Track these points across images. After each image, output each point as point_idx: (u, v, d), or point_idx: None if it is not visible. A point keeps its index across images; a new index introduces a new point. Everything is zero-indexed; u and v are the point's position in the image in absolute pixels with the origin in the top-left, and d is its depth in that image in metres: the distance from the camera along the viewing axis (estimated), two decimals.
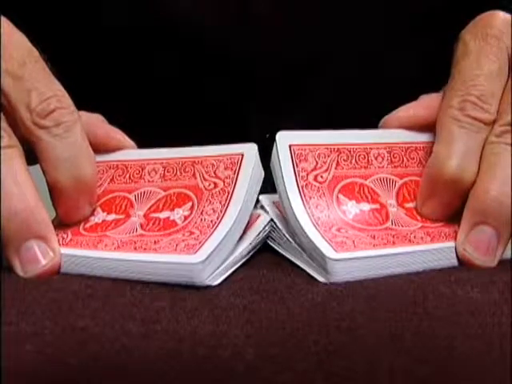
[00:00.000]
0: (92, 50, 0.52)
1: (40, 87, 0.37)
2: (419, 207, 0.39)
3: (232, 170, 0.38)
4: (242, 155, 0.38)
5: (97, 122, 0.42)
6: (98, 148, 0.40)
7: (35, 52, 0.38)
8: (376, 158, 0.39)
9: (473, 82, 0.37)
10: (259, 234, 0.38)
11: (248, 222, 0.38)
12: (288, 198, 0.37)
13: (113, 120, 0.44)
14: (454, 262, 0.36)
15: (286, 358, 0.26)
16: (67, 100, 0.38)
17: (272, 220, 0.39)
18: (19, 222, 0.35)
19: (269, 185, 0.39)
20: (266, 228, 0.39)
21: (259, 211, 0.40)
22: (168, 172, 0.40)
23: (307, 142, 0.39)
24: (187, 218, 0.37)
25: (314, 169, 0.38)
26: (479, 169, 0.36)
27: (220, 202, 0.37)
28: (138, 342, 0.28)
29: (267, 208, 0.40)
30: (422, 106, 0.41)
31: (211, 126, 0.52)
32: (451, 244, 0.36)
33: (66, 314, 0.30)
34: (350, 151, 0.39)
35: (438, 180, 0.37)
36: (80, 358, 0.26)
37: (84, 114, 0.40)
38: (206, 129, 0.52)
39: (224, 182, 0.38)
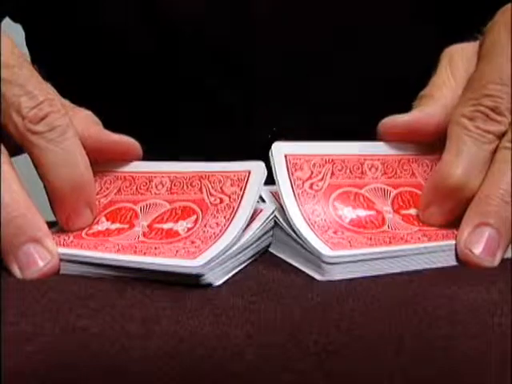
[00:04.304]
0: (91, 51, 0.52)
1: (31, 91, 0.36)
2: (420, 213, 0.38)
3: (239, 186, 0.38)
4: (249, 172, 0.38)
5: (86, 124, 0.40)
6: (94, 153, 0.39)
7: (21, 54, 0.38)
8: (370, 169, 0.40)
9: (488, 92, 0.37)
10: (263, 223, 0.38)
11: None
12: (285, 205, 0.37)
13: (115, 121, 0.44)
14: (453, 260, 0.36)
15: (286, 358, 0.26)
16: (58, 103, 0.37)
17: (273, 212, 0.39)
18: (14, 227, 0.35)
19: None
20: (270, 217, 0.39)
21: (261, 206, 0.40)
22: (175, 186, 0.40)
23: (302, 152, 0.39)
24: (190, 229, 0.37)
25: (310, 177, 0.39)
26: (487, 172, 0.36)
27: (224, 217, 0.37)
28: (138, 342, 0.28)
29: (266, 200, 0.40)
30: (422, 114, 0.40)
31: (213, 126, 0.52)
32: (449, 242, 0.36)
33: (66, 314, 0.30)
34: (344, 162, 0.40)
35: (441, 187, 0.37)
36: (80, 358, 0.26)
37: (75, 116, 0.40)
38: (209, 128, 0.52)
39: (230, 197, 0.38)
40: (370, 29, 0.50)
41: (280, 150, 0.39)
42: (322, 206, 0.38)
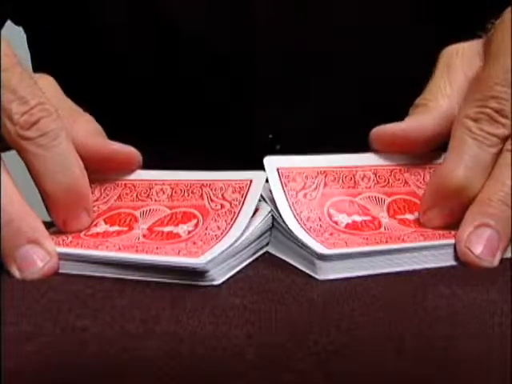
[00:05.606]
0: (92, 51, 0.52)
1: (22, 96, 0.36)
2: (421, 215, 0.38)
3: (240, 193, 0.38)
4: (251, 181, 0.39)
5: (87, 132, 0.40)
6: (95, 162, 0.39)
7: (14, 56, 0.37)
8: (362, 179, 0.40)
9: (494, 93, 0.36)
10: (262, 221, 0.38)
11: None
12: (280, 214, 0.37)
13: (115, 121, 0.43)
14: (450, 259, 0.36)
15: (286, 358, 0.26)
16: (50, 107, 0.37)
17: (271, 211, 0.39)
18: (12, 230, 0.35)
19: None
20: (268, 216, 0.39)
21: (258, 203, 0.40)
22: (176, 193, 0.40)
23: (293, 165, 0.40)
24: (191, 232, 0.37)
25: (303, 188, 0.39)
26: (490, 174, 0.36)
27: (225, 221, 0.37)
28: (138, 342, 0.28)
29: (265, 198, 0.40)
30: (415, 124, 0.40)
31: (213, 126, 0.52)
32: (447, 241, 0.36)
33: (66, 314, 0.30)
34: (336, 173, 0.40)
35: (442, 188, 0.37)
36: (80, 358, 0.26)
37: (76, 122, 0.40)
38: (208, 128, 0.52)
39: (231, 203, 0.38)
40: (370, 29, 0.50)
41: (272, 163, 0.39)
42: (316, 213, 0.38)
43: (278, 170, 0.39)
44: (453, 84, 0.40)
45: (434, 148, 0.40)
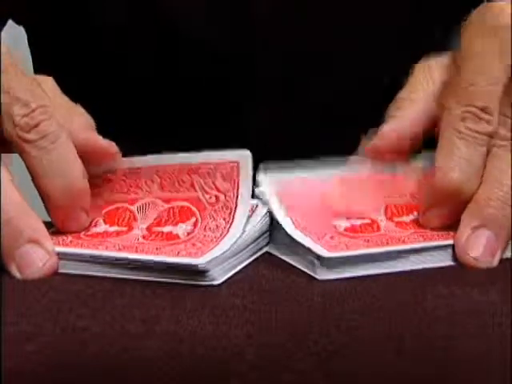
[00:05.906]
0: (92, 51, 0.52)
1: (23, 98, 0.36)
2: (420, 216, 0.38)
3: (231, 182, 0.38)
4: (238, 164, 0.38)
5: (79, 126, 0.40)
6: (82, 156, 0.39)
7: (14, 57, 0.37)
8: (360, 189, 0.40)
9: (476, 91, 0.36)
10: (260, 220, 0.38)
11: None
12: (278, 222, 0.38)
13: (114, 120, 0.43)
14: (449, 259, 0.36)
15: (286, 358, 0.26)
16: (50, 109, 0.37)
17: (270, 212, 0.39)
18: (12, 230, 0.35)
19: None
20: (267, 216, 0.39)
21: (255, 201, 0.40)
22: (165, 181, 0.40)
23: (294, 190, 0.39)
24: (190, 233, 0.37)
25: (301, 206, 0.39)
26: (484, 172, 0.36)
27: (224, 219, 0.37)
28: (138, 342, 0.28)
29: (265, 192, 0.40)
30: (403, 122, 0.40)
31: (213, 126, 0.52)
32: (446, 242, 0.36)
33: (66, 314, 0.30)
34: (335, 191, 0.40)
35: (439, 191, 0.37)
36: (80, 358, 0.26)
37: (72, 118, 0.40)
38: (208, 128, 0.52)
39: (225, 195, 0.38)
40: (370, 29, 0.50)
41: (270, 187, 0.39)
42: (315, 216, 0.38)
43: (277, 193, 0.39)
44: (434, 78, 0.40)
45: (424, 139, 0.40)
